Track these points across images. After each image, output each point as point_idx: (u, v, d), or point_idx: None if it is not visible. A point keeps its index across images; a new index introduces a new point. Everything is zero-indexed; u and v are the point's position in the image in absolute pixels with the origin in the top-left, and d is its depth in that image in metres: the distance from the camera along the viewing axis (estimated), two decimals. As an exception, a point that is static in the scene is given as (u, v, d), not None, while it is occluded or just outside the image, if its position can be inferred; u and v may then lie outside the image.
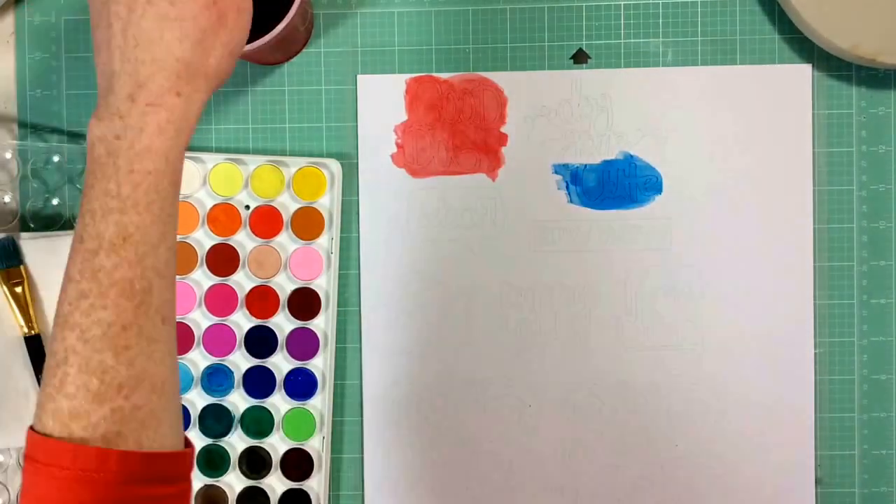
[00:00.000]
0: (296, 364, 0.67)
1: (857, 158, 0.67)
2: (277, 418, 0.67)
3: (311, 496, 0.67)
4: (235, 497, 0.67)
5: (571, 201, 0.67)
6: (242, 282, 0.67)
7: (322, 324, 0.67)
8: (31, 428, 0.43)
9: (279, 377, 0.67)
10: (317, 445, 0.67)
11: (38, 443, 0.41)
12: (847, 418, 0.67)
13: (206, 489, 0.67)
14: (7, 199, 0.67)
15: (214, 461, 0.67)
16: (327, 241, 0.67)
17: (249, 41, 0.56)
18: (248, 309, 0.67)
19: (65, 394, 0.41)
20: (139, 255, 0.42)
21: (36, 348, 0.63)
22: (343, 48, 0.67)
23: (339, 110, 0.67)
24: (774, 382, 0.66)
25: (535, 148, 0.66)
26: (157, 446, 0.43)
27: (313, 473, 0.67)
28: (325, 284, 0.67)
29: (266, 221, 0.67)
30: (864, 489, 0.67)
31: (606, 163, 0.66)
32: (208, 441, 0.67)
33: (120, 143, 0.42)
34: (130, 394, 0.41)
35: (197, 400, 0.67)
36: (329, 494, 0.67)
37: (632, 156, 0.66)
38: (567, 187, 0.67)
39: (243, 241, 0.67)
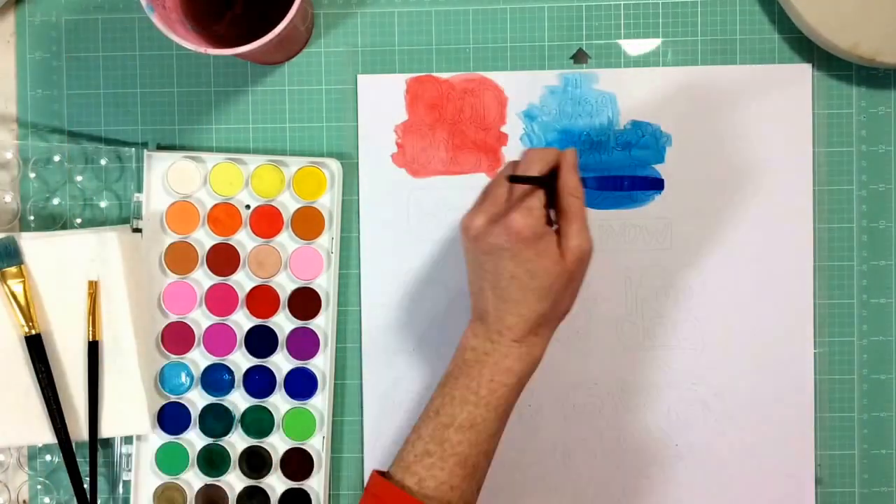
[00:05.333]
0: (296, 364, 0.67)
1: (857, 158, 0.67)
2: (277, 418, 0.67)
3: (311, 496, 0.67)
4: (235, 497, 0.67)
5: (571, 201, 0.67)
6: (243, 281, 0.67)
7: (322, 323, 0.67)
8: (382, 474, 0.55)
9: (279, 377, 0.67)
10: (317, 445, 0.67)
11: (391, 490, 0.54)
12: (847, 418, 0.67)
13: (206, 489, 0.67)
14: (7, 198, 0.67)
15: (214, 461, 0.67)
16: (327, 241, 0.67)
17: (249, 41, 0.56)
18: (249, 308, 0.67)
19: None
20: (479, 440, 0.54)
21: (36, 348, 0.63)
22: (343, 48, 0.67)
23: (339, 110, 0.67)
24: (774, 382, 0.66)
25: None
26: None
27: (313, 473, 0.67)
28: (325, 284, 0.67)
29: (266, 221, 0.67)
30: (864, 489, 0.67)
31: (606, 162, 0.66)
32: (208, 441, 0.67)
33: (487, 357, 0.55)
34: None
35: (197, 400, 0.67)
36: (329, 494, 0.67)
37: (632, 156, 0.66)
38: (567, 187, 0.66)
39: (243, 240, 0.67)
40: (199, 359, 0.67)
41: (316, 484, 0.67)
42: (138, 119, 0.68)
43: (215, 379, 0.67)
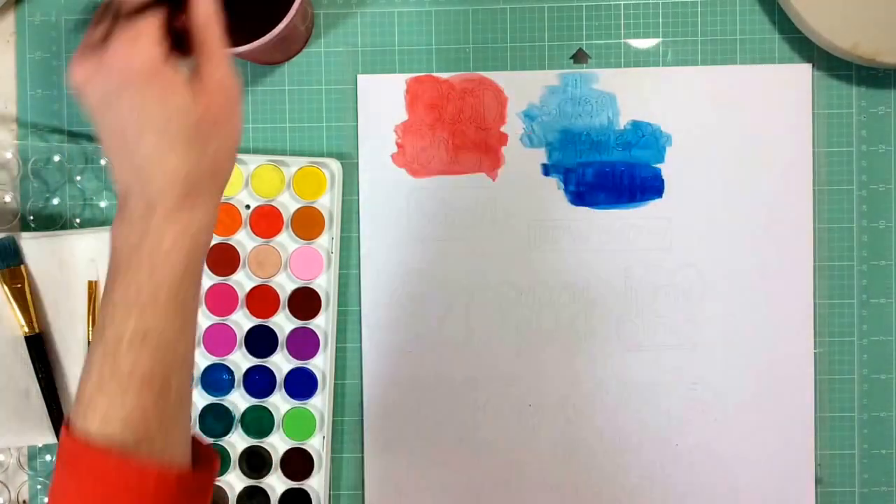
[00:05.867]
0: (296, 364, 0.67)
1: (857, 158, 0.67)
2: (277, 418, 0.67)
3: (311, 496, 0.67)
4: (235, 497, 0.67)
5: (571, 201, 0.67)
6: (243, 281, 0.67)
7: (322, 323, 0.67)
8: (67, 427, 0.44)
9: (279, 377, 0.67)
10: (317, 445, 0.67)
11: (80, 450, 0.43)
12: (847, 418, 0.67)
13: (206, 489, 0.67)
14: (7, 198, 0.67)
15: (214, 461, 0.67)
16: (327, 241, 0.67)
17: (249, 41, 0.56)
18: (249, 308, 0.67)
19: None
20: (157, 348, 0.43)
21: (36, 348, 0.63)
22: (343, 48, 0.67)
23: (339, 110, 0.67)
24: (774, 382, 0.66)
25: (535, 147, 0.67)
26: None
27: (313, 473, 0.67)
28: (325, 284, 0.67)
29: (266, 221, 0.67)
30: (864, 489, 0.67)
31: (606, 163, 0.66)
32: (208, 441, 0.67)
33: (143, 244, 0.43)
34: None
35: (197, 400, 0.67)
36: (329, 494, 0.67)
37: (632, 155, 0.66)
38: (567, 187, 0.67)
39: (243, 240, 0.67)
40: (199, 359, 0.67)
41: (316, 484, 0.67)
42: (138, 119, 0.68)
43: (215, 379, 0.67)
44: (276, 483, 0.67)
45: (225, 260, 0.66)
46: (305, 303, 0.67)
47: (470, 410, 0.67)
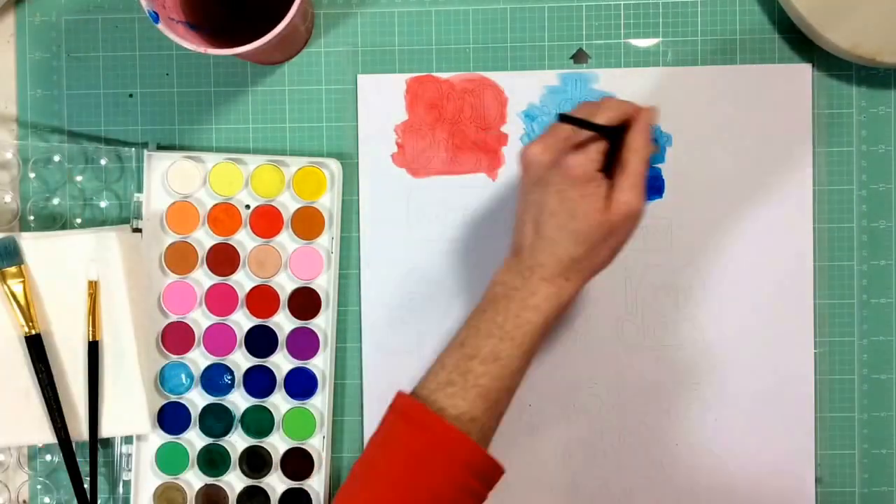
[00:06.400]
0: (296, 364, 0.67)
1: (857, 158, 0.67)
2: (277, 418, 0.67)
3: (311, 496, 0.67)
4: (235, 497, 0.67)
5: (571, 201, 0.67)
6: (243, 281, 0.67)
7: (322, 323, 0.67)
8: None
9: (279, 377, 0.67)
10: (317, 445, 0.67)
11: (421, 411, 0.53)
12: (847, 418, 0.67)
13: (206, 489, 0.67)
14: (7, 198, 0.67)
15: (214, 461, 0.67)
16: (327, 241, 0.67)
17: (249, 41, 0.56)
18: (249, 308, 0.67)
19: None
20: (502, 374, 0.54)
21: (36, 348, 0.63)
22: (343, 48, 0.67)
23: (339, 110, 0.67)
24: (774, 382, 0.66)
25: (535, 148, 0.67)
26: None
27: (313, 473, 0.67)
28: (325, 284, 0.67)
29: (266, 221, 0.67)
30: (864, 489, 0.67)
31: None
32: (208, 441, 0.67)
33: (516, 293, 0.54)
34: None
35: (197, 400, 0.67)
36: (329, 494, 0.67)
37: (632, 156, 0.66)
38: (567, 187, 0.66)
39: (244, 240, 0.67)
40: (199, 359, 0.67)
41: (316, 484, 0.67)
42: (138, 119, 0.68)
43: (215, 379, 0.67)
44: (276, 483, 0.67)
45: (225, 260, 0.67)
46: (305, 303, 0.67)
47: (470, 410, 0.67)
